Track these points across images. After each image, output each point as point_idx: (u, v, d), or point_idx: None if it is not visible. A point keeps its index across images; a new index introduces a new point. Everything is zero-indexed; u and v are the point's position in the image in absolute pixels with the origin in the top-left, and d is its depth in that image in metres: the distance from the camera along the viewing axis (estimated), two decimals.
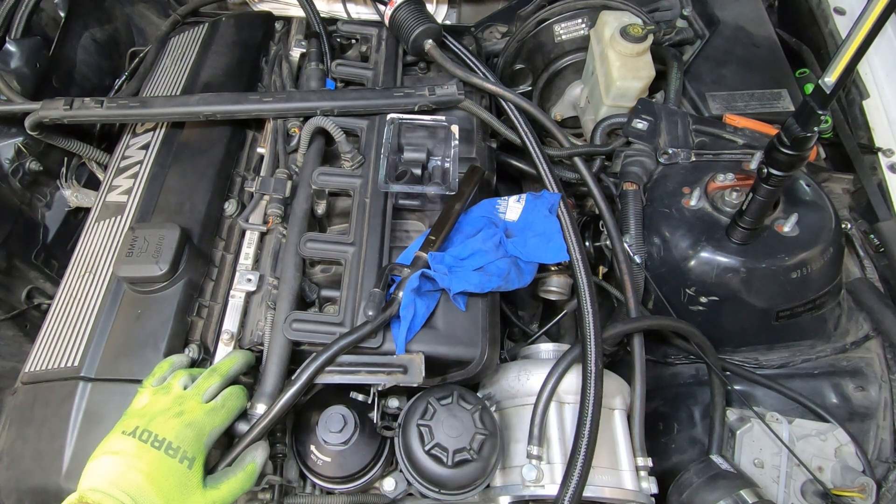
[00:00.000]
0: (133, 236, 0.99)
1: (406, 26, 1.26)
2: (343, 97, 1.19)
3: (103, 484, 0.73)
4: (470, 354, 0.97)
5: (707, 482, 0.98)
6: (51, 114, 1.17)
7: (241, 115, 1.21)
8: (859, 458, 1.06)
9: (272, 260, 1.08)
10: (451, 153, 1.09)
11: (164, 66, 1.43)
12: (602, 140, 1.30)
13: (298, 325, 0.94)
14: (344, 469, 0.95)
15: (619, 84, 1.27)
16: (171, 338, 0.96)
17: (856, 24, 0.72)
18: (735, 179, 1.12)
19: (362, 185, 1.09)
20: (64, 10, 1.50)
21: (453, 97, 1.20)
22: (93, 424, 0.90)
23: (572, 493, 0.85)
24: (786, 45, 1.46)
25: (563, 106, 1.56)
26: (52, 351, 1.00)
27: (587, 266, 1.04)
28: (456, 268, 0.97)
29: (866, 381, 1.14)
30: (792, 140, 0.85)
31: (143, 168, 1.18)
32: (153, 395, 0.84)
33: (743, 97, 1.32)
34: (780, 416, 1.07)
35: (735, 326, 1.15)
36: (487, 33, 1.70)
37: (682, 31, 1.44)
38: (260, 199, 1.13)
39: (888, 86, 1.41)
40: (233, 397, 0.87)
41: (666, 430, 1.19)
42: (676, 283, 1.11)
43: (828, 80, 0.76)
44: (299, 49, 1.42)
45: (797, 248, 1.05)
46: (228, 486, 0.80)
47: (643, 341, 1.06)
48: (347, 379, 0.94)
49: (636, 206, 1.15)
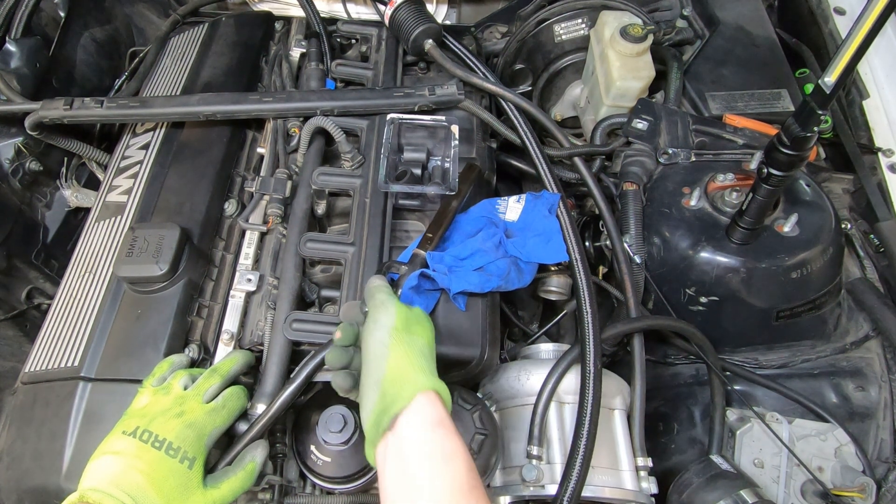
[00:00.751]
0: (133, 236, 0.99)
1: (406, 26, 1.26)
2: (343, 97, 1.19)
3: (104, 484, 0.73)
4: (470, 354, 0.97)
5: (707, 482, 0.98)
6: (51, 114, 1.17)
7: (241, 115, 1.21)
8: (859, 458, 1.06)
9: (272, 260, 1.08)
10: (451, 153, 1.09)
11: (164, 66, 1.43)
12: (602, 140, 1.30)
13: (298, 325, 0.95)
14: (344, 469, 0.95)
15: (619, 84, 1.27)
16: (171, 338, 0.96)
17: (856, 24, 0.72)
18: (735, 179, 1.12)
19: (362, 185, 1.09)
20: (64, 10, 1.50)
21: (453, 97, 1.20)
22: (93, 424, 0.90)
23: (571, 493, 0.85)
24: (786, 45, 1.46)
25: (563, 106, 1.56)
26: (52, 351, 1.00)
27: (587, 266, 1.04)
28: (456, 267, 0.97)
29: (866, 381, 1.14)
30: (792, 140, 0.85)
31: (143, 168, 1.18)
32: (153, 396, 0.84)
33: (743, 97, 1.32)
34: (780, 416, 1.07)
35: (735, 326, 1.15)
36: (487, 33, 1.70)
37: (682, 31, 1.44)
38: (260, 199, 1.13)
39: (888, 86, 1.41)
40: (233, 398, 0.87)
41: (666, 430, 1.19)
42: (676, 283, 1.11)
43: (828, 80, 0.76)
44: (299, 49, 1.42)
45: (797, 248, 1.05)
46: (229, 485, 0.80)
47: (643, 341, 1.06)
48: None
49: (636, 206, 1.15)
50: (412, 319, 0.83)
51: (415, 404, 0.72)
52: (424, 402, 0.72)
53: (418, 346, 0.79)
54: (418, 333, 0.81)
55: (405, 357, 0.76)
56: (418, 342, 0.79)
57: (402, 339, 0.78)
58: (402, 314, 0.81)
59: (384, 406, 0.73)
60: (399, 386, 0.73)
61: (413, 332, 0.80)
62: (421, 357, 0.78)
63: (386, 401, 0.73)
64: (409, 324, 0.81)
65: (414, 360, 0.76)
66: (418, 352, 0.78)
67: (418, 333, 0.81)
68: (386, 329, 0.79)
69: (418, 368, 0.75)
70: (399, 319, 0.80)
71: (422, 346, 0.79)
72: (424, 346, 0.80)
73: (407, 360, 0.76)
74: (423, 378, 0.74)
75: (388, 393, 0.73)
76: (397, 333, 0.78)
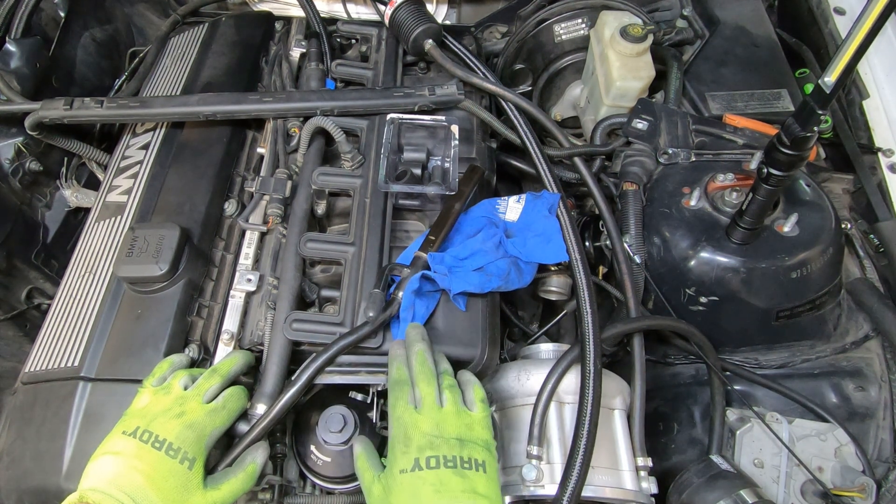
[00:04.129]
0: (133, 236, 0.99)
1: (406, 26, 1.26)
2: (343, 97, 1.19)
3: (103, 484, 0.73)
4: (470, 354, 0.97)
5: (707, 482, 0.98)
6: (51, 114, 1.17)
7: (241, 115, 1.21)
8: (859, 458, 1.06)
9: (272, 260, 1.08)
10: (451, 153, 1.09)
11: (164, 66, 1.43)
12: (602, 140, 1.30)
13: (298, 325, 0.95)
14: (344, 469, 0.95)
15: (619, 84, 1.27)
16: (171, 338, 0.96)
17: (856, 24, 0.72)
18: (735, 179, 1.12)
19: (362, 185, 1.09)
20: (64, 10, 1.50)
21: (453, 97, 1.20)
22: (93, 424, 0.90)
23: (571, 493, 0.84)
24: (786, 45, 1.46)
25: (563, 106, 1.56)
26: (52, 351, 1.00)
27: (586, 266, 1.04)
28: (456, 268, 0.97)
29: (866, 381, 1.14)
30: (792, 140, 0.85)
31: (143, 168, 1.18)
32: (154, 396, 0.84)
33: (743, 97, 1.32)
34: (780, 416, 1.07)
35: (735, 326, 1.15)
36: (487, 33, 1.70)
37: (682, 31, 1.44)
38: (260, 199, 1.13)
39: (888, 86, 1.40)
40: (233, 398, 0.87)
41: (666, 430, 1.19)
42: (676, 283, 1.11)
43: (828, 80, 0.76)
44: (299, 49, 1.42)
45: (797, 248, 1.05)
46: (229, 486, 0.80)
47: (643, 341, 1.06)
48: (347, 379, 0.94)
49: (636, 206, 1.15)
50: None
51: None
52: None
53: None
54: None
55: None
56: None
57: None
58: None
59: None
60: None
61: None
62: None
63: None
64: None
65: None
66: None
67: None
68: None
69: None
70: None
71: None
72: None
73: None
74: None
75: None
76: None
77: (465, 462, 0.76)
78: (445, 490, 0.73)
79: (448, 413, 0.80)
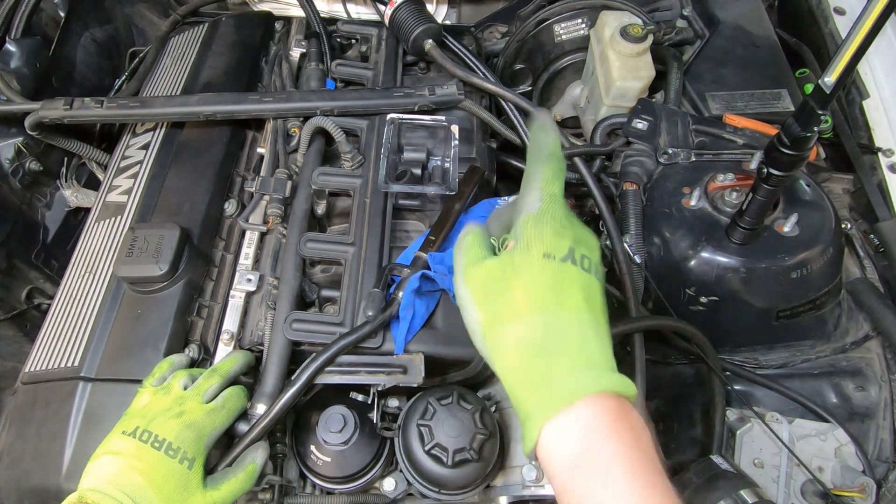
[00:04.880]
0: (133, 236, 0.99)
1: (406, 26, 1.26)
2: (343, 97, 1.19)
3: (103, 484, 0.73)
4: (470, 354, 0.97)
5: (707, 482, 0.98)
6: (51, 114, 1.17)
7: (241, 115, 1.21)
8: (859, 458, 1.06)
9: (272, 260, 1.08)
10: (451, 153, 1.09)
11: (164, 66, 1.43)
12: (602, 140, 1.30)
13: (298, 325, 0.94)
14: (344, 469, 0.95)
15: (619, 84, 1.27)
16: (171, 338, 0.96)
17: (856, 24, 0.72)
18: (735, 179, 1.12)
19: (362, 185, 1.09)
20: (64, 10, 1.49)
21: (453, 97, 1.20)
22: (93, 424, 0.90)
23: None
24: (786, 45, 1.46)
25: (563, 106, 1.56)
26: (52, 351, 1.00)
27: None
28: None
29: (866, 381, 1.14)
30: (792, 140, 0.85)
31: (143, 168, 1.18)
32: (153, 396, 0.84)
33: (743, 97, 1.32)
34: (780, 416, 1.07)
35: (735, 326, 1.15)
36: (487, 33, 1.70)
37: (682, 31, 1.44)
38: (260, 199, 1.13)
39: (888, 86, 1.41)
40: (233, 398, 0.87)
41: (666, 430, 1.19)
42: (676, 283, 1.11)
43: (828, 80, 0.76)
44: (299, 49, 1.42)
45: (797, 248, 1.05)
46: (229, 486, 0.80)
47: (643, 341, 1.06)
48: (347, 379, 0.94)
49: (636, 206, 1.15)
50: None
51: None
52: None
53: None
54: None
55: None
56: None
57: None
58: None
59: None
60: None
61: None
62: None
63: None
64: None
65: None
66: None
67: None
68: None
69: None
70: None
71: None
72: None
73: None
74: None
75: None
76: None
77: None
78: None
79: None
